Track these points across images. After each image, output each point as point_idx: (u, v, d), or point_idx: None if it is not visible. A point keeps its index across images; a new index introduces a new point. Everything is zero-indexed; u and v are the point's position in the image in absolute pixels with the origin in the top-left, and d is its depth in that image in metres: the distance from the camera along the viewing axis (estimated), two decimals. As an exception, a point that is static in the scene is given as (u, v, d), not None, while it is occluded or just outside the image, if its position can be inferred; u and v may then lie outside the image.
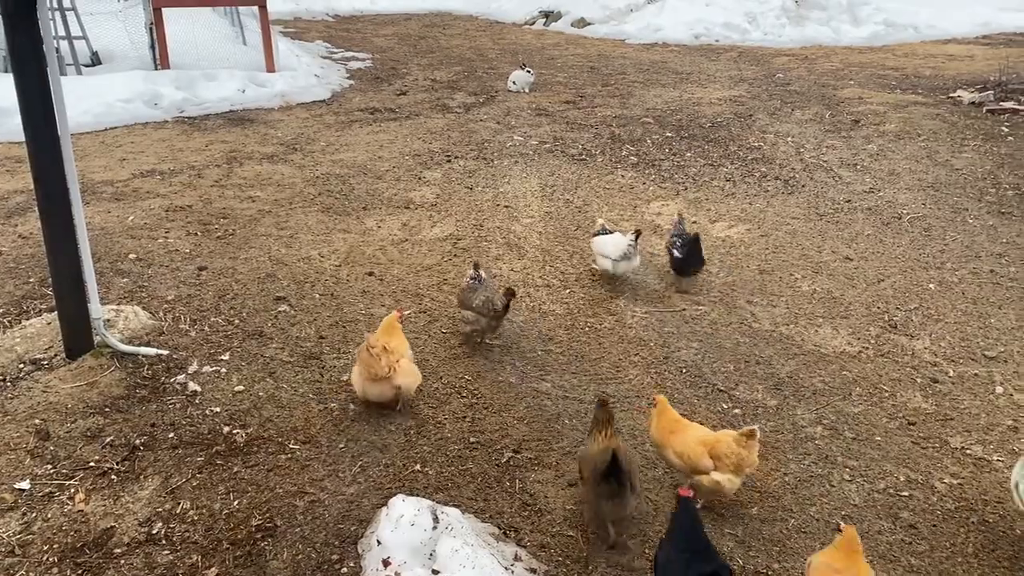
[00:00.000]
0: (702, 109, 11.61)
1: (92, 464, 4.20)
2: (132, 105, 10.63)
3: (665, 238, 6.46)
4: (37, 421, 4.47)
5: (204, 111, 11.00)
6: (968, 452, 4.49)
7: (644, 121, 10.97)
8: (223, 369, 5.08)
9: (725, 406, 4.87)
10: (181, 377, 4.96)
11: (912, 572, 3.70)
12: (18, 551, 3.64)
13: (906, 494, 4.18)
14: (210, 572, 3.58)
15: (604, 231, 6.23)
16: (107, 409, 4.63)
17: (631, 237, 5.98)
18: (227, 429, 4.52)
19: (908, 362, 5.35)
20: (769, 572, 3.68)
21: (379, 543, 3.53)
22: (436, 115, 11.29)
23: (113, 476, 4.13)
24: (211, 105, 11.16)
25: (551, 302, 6.06)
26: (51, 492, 3.99)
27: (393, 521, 3.58)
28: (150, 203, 7.73)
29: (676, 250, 6.17)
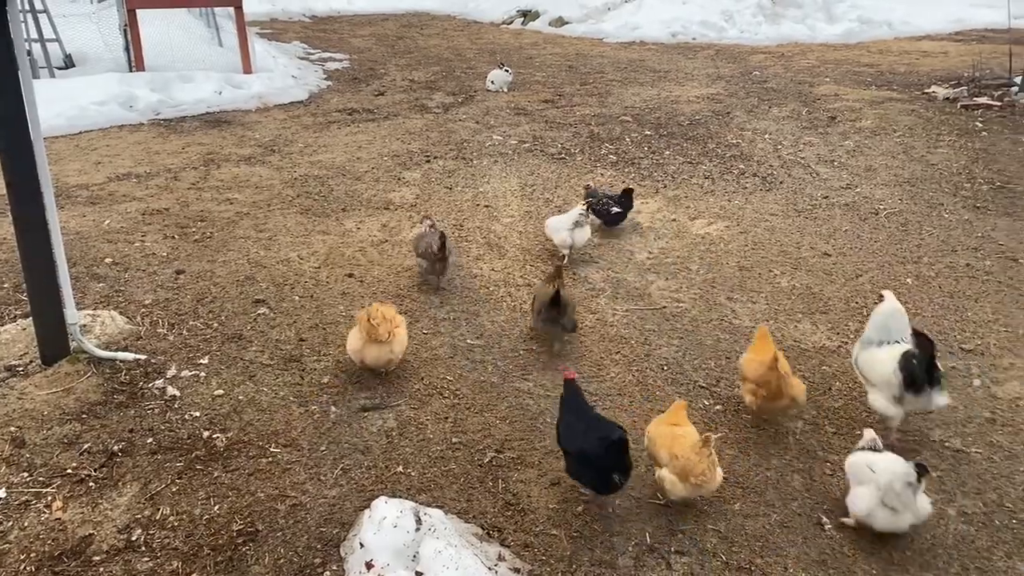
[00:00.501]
0: (680, 107, 11.66)
1: (69, 471, 4.15)
2: (107, 108, 10.52)
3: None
4: (12, 428, 4.41)
5: (180, 113, 10.91)
6: (947, 445, 4.53)
7: (623, 120, 11.00)
8: (202, 373, 5.03)
9: (707, 403, 4.89)
10: (159, 382, 4.91)
11: (893, 564, 3.73)
12: (-6, 561, 3.58)
13: (886, 487, 4.20)
14: (191, 578, 3.55)
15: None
16: (84, 415, 4.57)
17: (581, 207, 6.60)
18: (207, 434, 4.48)
19: (887, 356, 5.39)
20: (752, 568, 3.70)
21: (362, 545, 3.51)
22: (415, 115, 11.26)
23: (91, 483, 4.08)
24: (187, 107, 11.07)
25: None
26: (28, 500, 3.94)
27: (376, 523, 3.57)
28: (126, 207, 7.65)
29: (615, 206, 7.14)
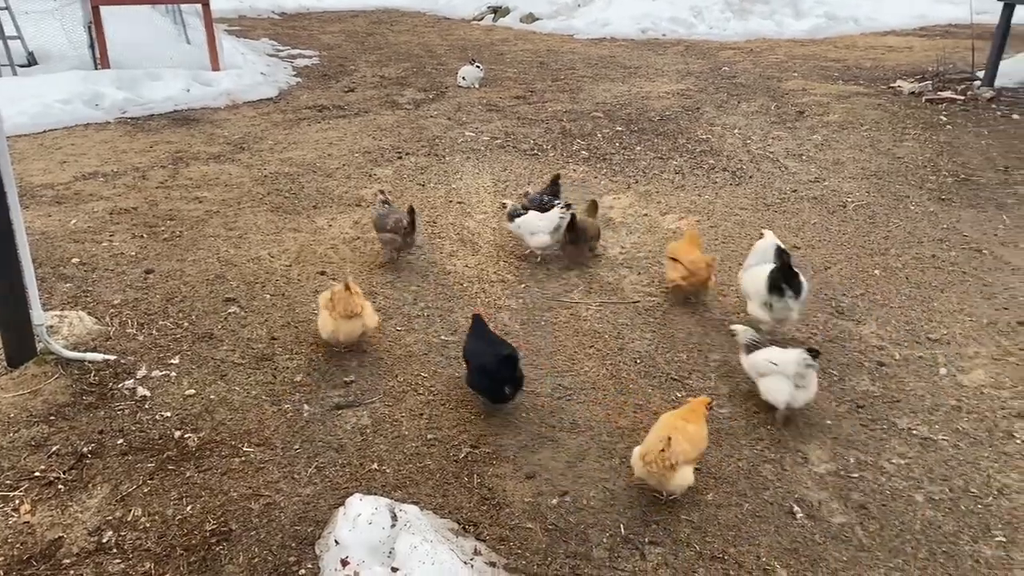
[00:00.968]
0: (651, 103, 11.72)
1: (37, 474, 4.09)
2: (71, 106, 10.35)
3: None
4: (-22, 432, 4.33)
5: (148, 111, 10.75)
6: (914, 432, 4.61)
7: (594, 116, 11.04)
8: (173, 373, 4.98)
9: (679, 395, 4.93)
10: (130, 382, 4.86)
11: (863, 550, 3.79)
12: (-39, 566, 3.53)
13: (856, 475, 4.27)
14: (164, 579, 3.52)
15: (517, 212, 6.58)
16: (52, 417, 4.51)
17: (561, 208, 6.40)
18: (178, 434, 4.44)
19: (855, 347, 5.48)
20: (725, 557, 3.74)
21: (337, 543, 3.50)
22: (386, 112, 11.21)
23: (60, 485, 4.03)
24: (155, 105, 10.91)
25: (506, 297, 6.06)
26: (-5, 504, 3.88)
27: (350, 520, 3.56)
28: (93, 206, 7.54)
29: (547, 194, 6.98)
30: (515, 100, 11.93)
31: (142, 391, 4.77)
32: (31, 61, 12.22)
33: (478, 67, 12.72)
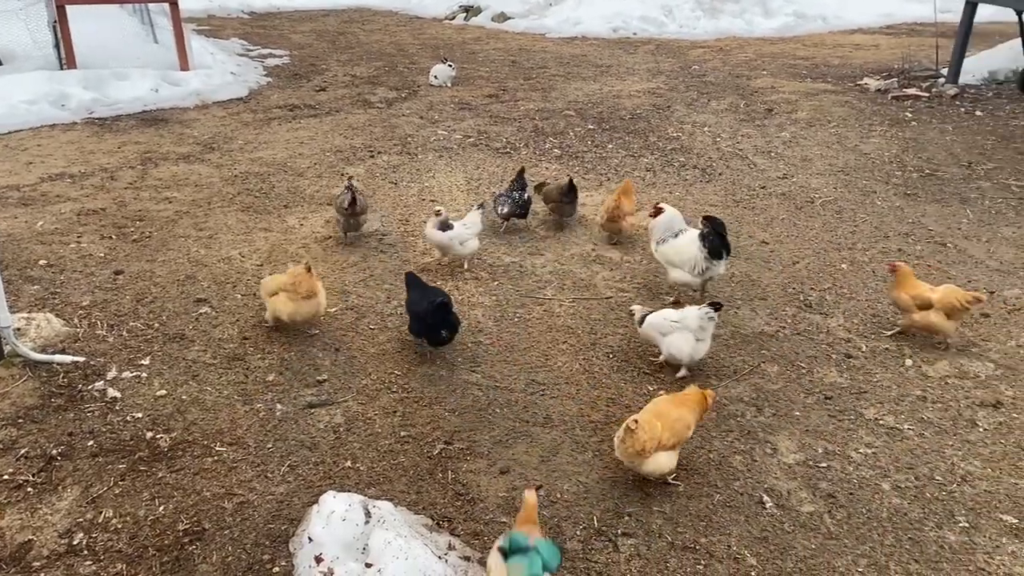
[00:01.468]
0: (622, 101, 11.78)
1: (6, 477, 4.05)
2: (37, 106, 10.20)
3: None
4: (-55, 436, 4.28)
5: (116, 112, 10.62)
6: (881, 422, 4.70)
7: (566, 114, 11.08)
8: (144, 374, 4.95)
9: (651, 388, 4.98)
10: (99, 384, 4.82)
11: (832, 538, 3.86)
12: (-72, 571, 3.48)
13: (824, 465, 4.35)
14: (136, 580, 3.50)
15: (447, 225, 6.20)
16: (20, 420, 4.46)
17: (477, 208, 6.56)
18: (150, 434, 4.41)
19: (823, 339, 5.56)
20: (697, 546, 3.79)
21: (311, 540, 3.50)
22: (357, 111, 11.17)
23: (29, 488, 3.99)
24: (123, 105, 10.78)
25: (480, 294, 6.08)
26: (-37, 508, 3.83)
27: (324, 517, 3.56)
28: (60, 207, 7.45)
29: (517, 191, 7.15)
30: (487, 99, 11.94)
31: (112, 392, 4.73)
32: (-5, 61, 12.03)
33: (450, 66, 12.71)
